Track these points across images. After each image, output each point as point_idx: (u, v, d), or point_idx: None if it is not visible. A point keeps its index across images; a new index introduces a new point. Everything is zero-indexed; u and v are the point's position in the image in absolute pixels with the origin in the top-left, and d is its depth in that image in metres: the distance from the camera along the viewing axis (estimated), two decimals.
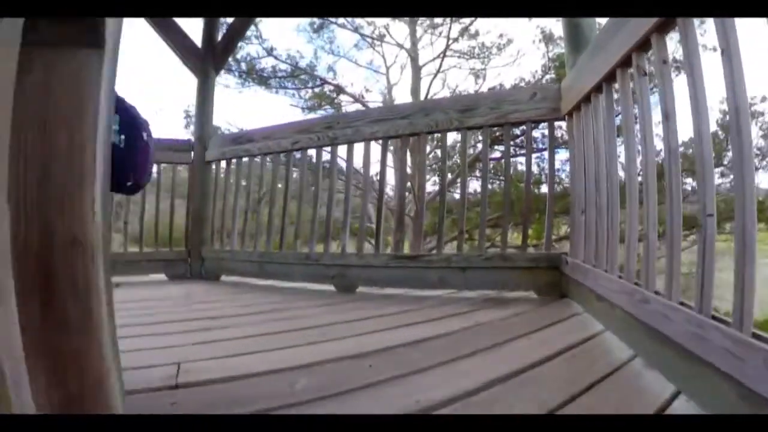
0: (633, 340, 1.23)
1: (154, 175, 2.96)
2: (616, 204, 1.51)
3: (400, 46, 10.88)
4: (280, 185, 2.68)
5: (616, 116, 1.57)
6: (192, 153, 3.00)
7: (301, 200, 2.58)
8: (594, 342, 1.39)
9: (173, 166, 3.00)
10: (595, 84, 1.61)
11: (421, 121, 2.32)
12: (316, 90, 10.22)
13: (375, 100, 11.06)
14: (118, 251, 2.92)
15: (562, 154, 4.59)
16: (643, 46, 1.24)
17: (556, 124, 2.16)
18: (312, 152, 2.61)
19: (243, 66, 9.78)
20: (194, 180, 3.00)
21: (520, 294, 2.11)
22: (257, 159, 2.77)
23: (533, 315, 1.80)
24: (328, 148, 2.56)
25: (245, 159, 2.83)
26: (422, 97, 10.34)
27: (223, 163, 2.93)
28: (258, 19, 9.14)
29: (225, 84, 9.78)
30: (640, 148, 1.29)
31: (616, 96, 1.56)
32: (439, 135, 2.39)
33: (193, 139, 3.06)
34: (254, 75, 9.74)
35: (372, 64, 11.51)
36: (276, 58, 9.82)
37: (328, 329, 1.63)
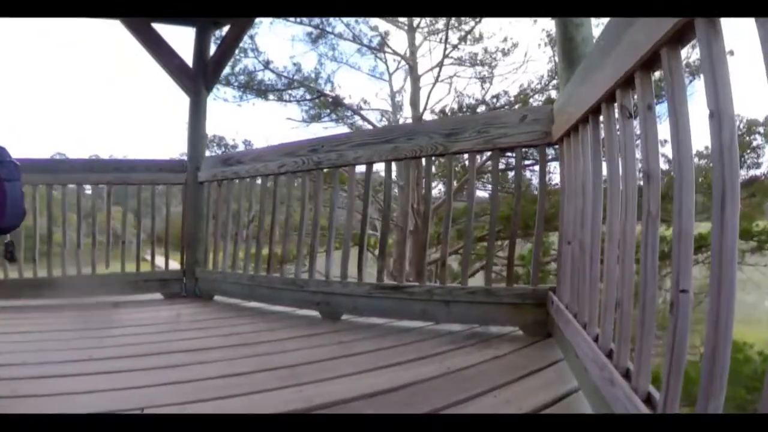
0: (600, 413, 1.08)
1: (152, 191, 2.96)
2: (596, 251, 1.35)
3: (398, 54, 10.53)
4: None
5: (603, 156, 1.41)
6: (185, 173, 2.97)
7: (287, 225, 2.50)
8: (563, 404, 1.25)
9: (168, 186, 2.97)
10: (582, 115, 1.44)
11: (405, 145, 2.18)
12: (315, 101, 9.87)
13: (379, 108, 10.65)
14: (115, 271, 2.93)
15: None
16: (628, 83, 1.07)
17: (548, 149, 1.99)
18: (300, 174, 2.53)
19: (241, 79, 9.55)
20: (188, 201, 2.97)
21: (506, 330, 1.97)
22: (247, 180, 2.70)
23: (513, 359, 1.67)
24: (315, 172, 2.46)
25: (236, 181, 2.77)
26: (421, 108, 9.96)
27: (215, 184, 2.88)
28: (254, 32, 9.09)
29: (223, 98, 9.62)
30: (622, 201, 1.13)
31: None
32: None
33: (186, 159, 3.03)
34: (253, 88, 9.53)
35: (375, 70, 11.07)
36: (272, 71, 9.58)
37: (299, 370, 1.58)
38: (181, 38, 3.13)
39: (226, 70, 9.08)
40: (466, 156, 2.22)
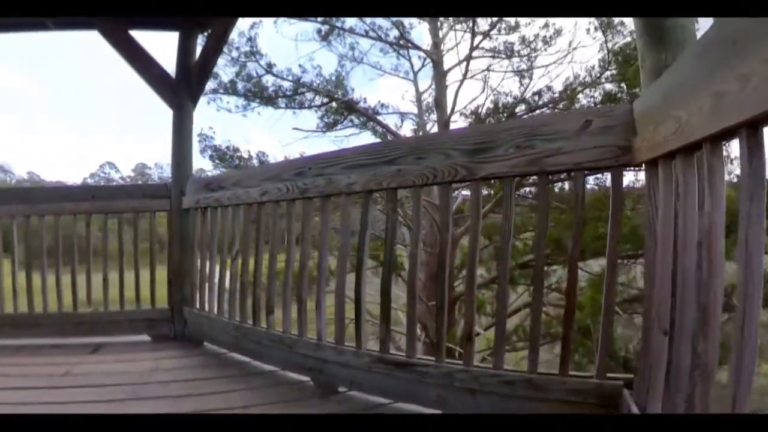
0: None
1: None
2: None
3: (417, 48, 8.76)
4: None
5: None
6: (169, 199, 2.46)
7: (271, 266, 1.91)
8: None
9: (151, 214, 2.48)
10: (723, 129, 0.71)
11: (414, 168, 1.50)
12: (327, 107, 8.49)
13: (405, 112, 9.04)
14: (98, 310, 2.49)
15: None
16: None
17: (628, 174, 1.24)
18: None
19: (244, 86, 8.40)
20: (173, 230, 2.46)
21: None
22: (229, 209, 2.14)
23: None
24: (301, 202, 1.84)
25: (218, 209, 2.21)
26: (448, 110, 8.39)
27: (199, 212, 2.35)
28: (254, 32, 8.14)
29: (227, 107, 8.57)
30: None
31: None
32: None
33: (170, 182, 2.52)
34: (257, 95, 8.35)
35: (398, 69, 9.22)
36: (276, 75, 8.34)
37: None
38: (164, 46, 2.60)
39: (229, 76, 8.37)
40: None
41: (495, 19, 8.33)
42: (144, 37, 2.47)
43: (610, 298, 1.23)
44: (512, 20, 8.38)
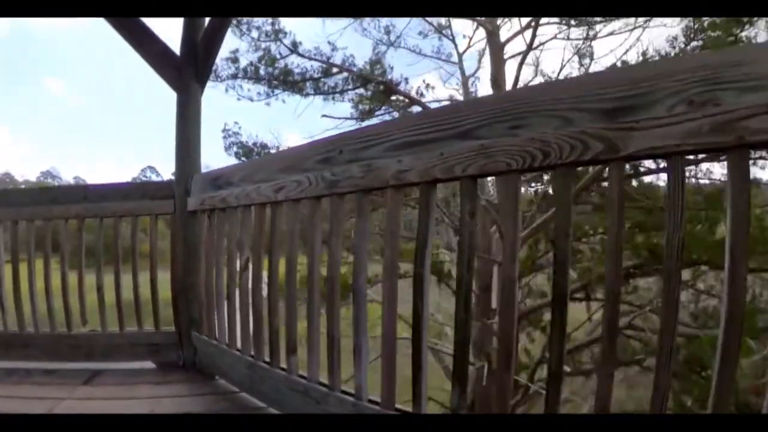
0: None
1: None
2: None
3: (470, 16, 6.95)
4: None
5: None
6: (173, 200, 1.96)
7: (290, 287, 1.35)
8: None
9: (153, 218, 1.99)
10: None
11: (507, 143, 0.90)
12: (361, 91, 7.21)
13: (449, 98, 7.53)
14: (95, 330, 2.03)
15: None
16: None
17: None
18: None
19: (264, 72, 7.18)
20: (176, 237, 1.96)
21: None
22: (238, 211, 1.60)
23: None
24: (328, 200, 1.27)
25: (226, 211, 1.68)
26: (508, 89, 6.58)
27: (205, 215, 1.83)
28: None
29: (248, 96, 7.45)
30: None
31: None
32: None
33: (174, 179, 2.01)
34: (281, 79, 7.06)
35: (440, 51, 7.83)
36: (302, 55, 6.93)
37: None
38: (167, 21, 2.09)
39: (249, 59, 7.19)
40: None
41: None
42: None
43: None
44: None
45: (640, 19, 6.41)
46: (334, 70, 7.38)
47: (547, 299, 6.09)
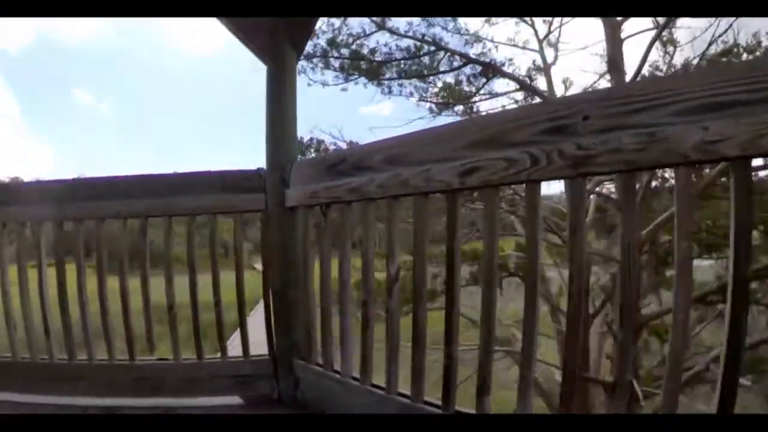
0: None
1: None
2: None
3: None
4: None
5: None
6: (264, 193, 1.54)
7: (491, 319, 0.95)
8: None
9: (237, 216, 1.57)
10: None
11: None
12: (448, 79, 6.13)
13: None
14: (165, 358, 1.60)
15: None
16: None
17: None
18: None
19: (341, 52, 6.05)
20: (270, 240, 1.54)
21: None
22: (383, 203, 1.19)
23: None
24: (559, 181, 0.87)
25: (357, 204, 1.27)
26: (629, 75, 5.81)
27: (316, 211, 1.41)
28: None
29: (321, 80, 6.20)
30: None
31: None
32: None
33: (264, 168, 1.59)
34: (364, 59, 5.93)
35: (513, 40, 6.86)
36: (392, 31, 5.69)
37: None
38: None
39: (326, 37, 5.98)
40: None
41: None
42: None
43: None
44: None
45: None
46: (425, 49, 6.31)
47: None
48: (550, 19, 6.86)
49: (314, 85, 6.54)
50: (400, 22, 6.12)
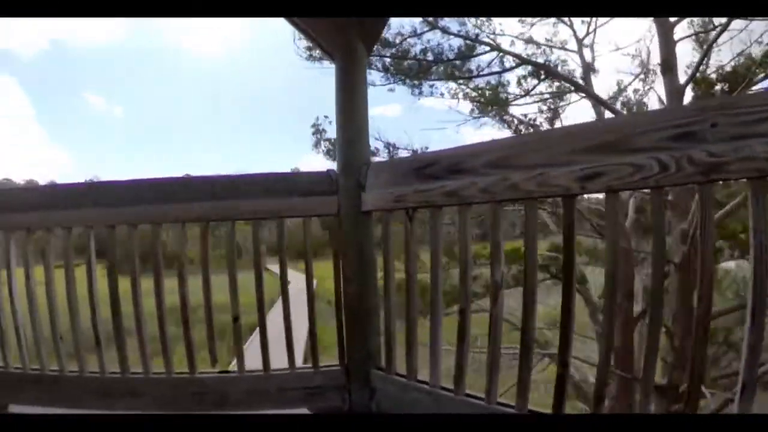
0: None
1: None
2: None
3: None
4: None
5: None
6: (336, 196, 1.58)
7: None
8: None
9: (306, 221, 1.60)
10: None
11: None
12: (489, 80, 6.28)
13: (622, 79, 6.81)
14: (227, 371, 1.62)
15: None
16: None
17: None
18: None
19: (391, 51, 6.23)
20: (344, 245, 1.58)
21: None
22: (483, 208, 1.25)
23: None
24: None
25: (441, 207, 1.33)
26: (681, 78, 6.11)
27: (399, 216, 1.46)
28: None
29: (369, 81, 6.81)
30: None
31: None
32: None
33: (336, 170, 1.63)
34: (414, 59, 6.03)
35: (551, 41, 7.02)
36: (444, 30, 5.82)
37: None
38: None
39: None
40: None
41: None
42: None
43: None
44: None
45: None
46: (479, 49, 6.52)
47: None
48: (588, 19, 7.11)
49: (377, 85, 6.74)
50: (449, 22, 6.40)
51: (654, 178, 0.97)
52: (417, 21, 6.25)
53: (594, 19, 7.04)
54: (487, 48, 6.61)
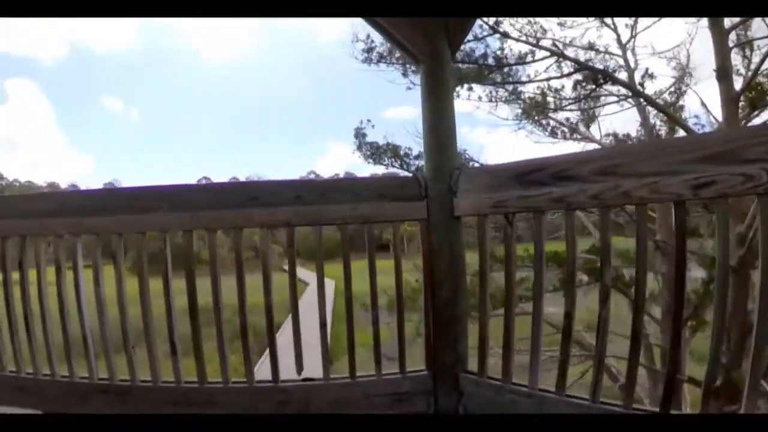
0: None
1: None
2: None
3: None
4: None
5: None
6: (426, 201, 1.72)
7: None
8: None
9: (395, 226, 1.74)
10: None
11: None
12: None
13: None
14: (311, 379, 1.73)
15: None
16: None
17: None
18: None
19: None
20: (435, 249, 1.73)
21: None
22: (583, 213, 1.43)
23: None
24: None
25: (544, 213, 1.50)
26: (737, 83, 6.39)
27: (505, 221, 1.62)
28: None
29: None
30: None
31: None
32: None
33: (424, 172, 1.78)
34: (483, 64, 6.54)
35: (593, 44, 7.35)
36: (506, 35, 6.12)
37: None
38: None
39: None
40: None
41: None
42: None
43: None
44: None
45: None
46: (537, 55, 6.93)
47: None
48: (631, 22, 7.53)
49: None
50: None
51: (763, 187, 1.17)
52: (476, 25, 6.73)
53: (635, 22, 7.44)
54: (546, 53, 7.06)
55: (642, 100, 7.36)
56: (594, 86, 7.23)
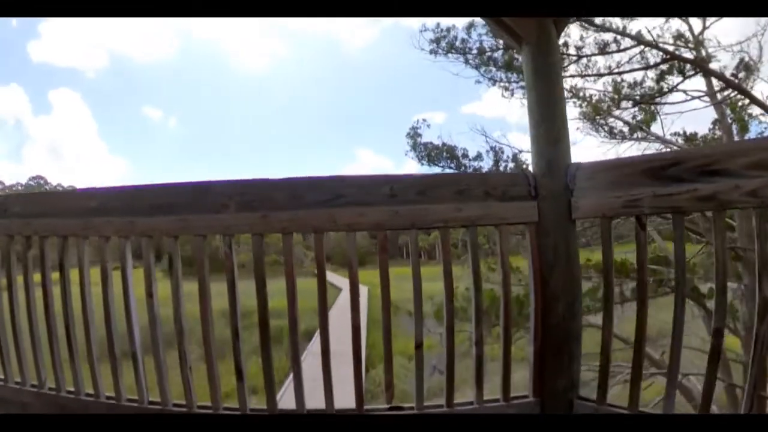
0: None
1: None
2: None
3: None
4: None
5: None
6: (536, 201, 1.77)
7: None
8: None
9: (501, 229, 1.76)
10: None
11: None
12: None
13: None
14: (403, 405, 1.76)
15: None
16: None
17: None
18: None
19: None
20: (546, 256, 1.76)
21: None
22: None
23: None
24: None
25: (686, 212, 1.56)
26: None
27: (636, 223, 1.68)
28: None
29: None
30: None
31: None
32: None
33: (531, 170, 1.82)
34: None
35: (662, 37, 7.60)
36: (589, 25, 6.65)
37: None
38: None
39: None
40: None
41: None
42: None
43: None
44: None
45: None
46: (623, 44, 7.21)
47: None
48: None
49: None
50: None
51: None
52: None
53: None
54: (633, 42, 7.32)
55: (731, 92, 7.53)
56: (682, 78, 7.40)
